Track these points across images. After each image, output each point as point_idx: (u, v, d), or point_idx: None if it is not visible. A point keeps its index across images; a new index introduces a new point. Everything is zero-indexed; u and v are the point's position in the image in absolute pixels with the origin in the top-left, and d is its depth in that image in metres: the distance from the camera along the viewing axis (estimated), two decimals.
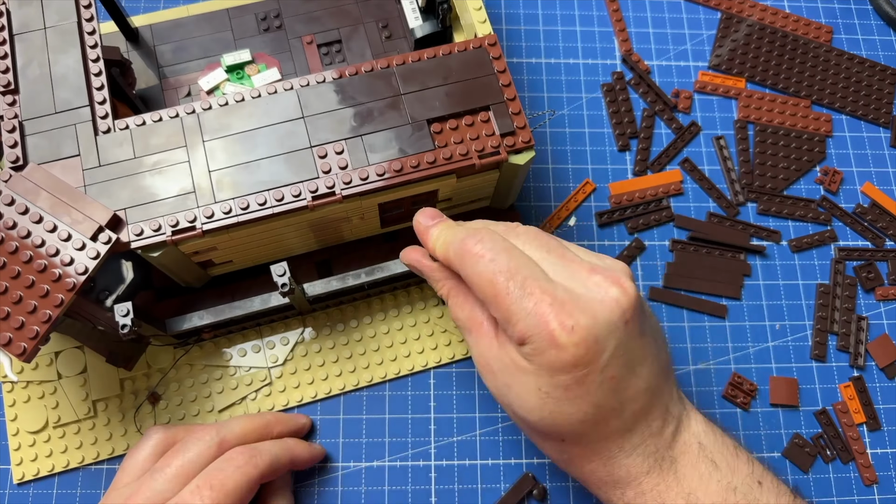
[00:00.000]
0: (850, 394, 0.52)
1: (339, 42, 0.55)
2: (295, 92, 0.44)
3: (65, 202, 0.40)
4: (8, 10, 0.44)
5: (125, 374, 0.50)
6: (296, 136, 0.43)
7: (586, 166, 0.58)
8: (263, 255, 0.48)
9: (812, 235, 0.57)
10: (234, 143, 0.42)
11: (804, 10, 0.66)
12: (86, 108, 0.43)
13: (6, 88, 0.43)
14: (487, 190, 0.49)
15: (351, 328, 0.51)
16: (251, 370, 0.50)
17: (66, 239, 0.39)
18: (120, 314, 0.41)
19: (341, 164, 0.42)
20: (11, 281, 0.38)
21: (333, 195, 0.42)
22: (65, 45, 0.44)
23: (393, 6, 0.56)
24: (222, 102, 0.43)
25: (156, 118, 0.43)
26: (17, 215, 0.40)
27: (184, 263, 0.45)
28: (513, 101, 0.44)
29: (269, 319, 0.51)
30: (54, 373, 0.49)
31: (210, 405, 0.49)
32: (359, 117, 0.43)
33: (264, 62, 0.53)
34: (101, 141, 0.42)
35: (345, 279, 0.47)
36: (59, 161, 0.42)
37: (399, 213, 0.48)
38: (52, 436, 0.48)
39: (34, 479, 0.48)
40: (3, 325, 0.38)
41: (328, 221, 0.45)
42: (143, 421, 0.49)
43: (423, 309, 0.52)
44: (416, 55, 0.45)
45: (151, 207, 0.41)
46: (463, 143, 0.43)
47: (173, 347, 0.50)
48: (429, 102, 0.44)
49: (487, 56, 0.45)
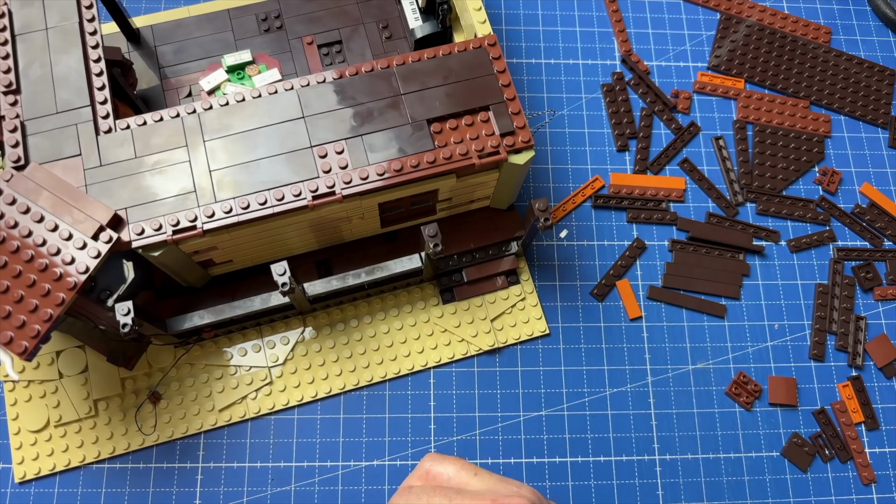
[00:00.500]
0: (849, 393, 0.53)
1: (340, 42, 0.56)
2: (295, 92, 0.44)
3: (66, 201, 0.40)
4: (10, 11, 0.45)
5: (126, 373, 0.50)
6: (296, 135, 0.43)
7: (586, 166, 0.58)
8: (264, 255, 0.48)
9: (811, 235, 0.57)
10: (234, 142, 0.43)
11: (803, 11, 0.66)
12: (87, 108, 0.43)
13: (8, 89, 0.43)
14: (487, 190, 0.49)
15: (351, 327, 0.52)
16: (252, 369, 0.50)
17: (68, 238, 0.39)
18: (121, 313, 0.41)
19: (341, 163, 0.42)
20: (13, 280, 0.39)
21: (334, 195, 0.42)
22: (66, 46, 0.44)
23: (393, 7, 0.57)
24: (223, 102, 0.43)
25: (157, 118, 0.43)
26: (18, 215, 0.40)
27: (184, 263, 0.45)
28: (512, 101, 0.44)
29: (270, 319, 0.51)
30: (55, 372, 0.49)
31: (210, 404, 0.50)
32: (359, 117, 0.43)
33: (265, 62, 0.53)
34: (102, 141, 0.42)
35: (345, 279, 0.48)
36: (61, 161, 0.42)
37: (399, 213, 0.48)
38: (54, 435, 0.49)
39: (35, 477, 0.48)
40: (5, 324, 0.38)
41: (328, 221, 0.45)
42: (144, 420, 0.49)
43: (424, 308, 0.52)
44: (417, 55, 0.45)
45: (152, 207, 0.41)
46: (463, 143, 0.43)
47: (174, 347, 0.50)
48: (429, 102, 0.44)
49: (487, 56, 0.45)
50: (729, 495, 0.50)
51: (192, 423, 0.49)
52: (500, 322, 0.52)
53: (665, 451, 0.51)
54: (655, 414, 0.51)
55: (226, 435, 0.50)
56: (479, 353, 0.52)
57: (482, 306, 0.52)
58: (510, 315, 0.53)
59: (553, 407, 0.51)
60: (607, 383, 0.52)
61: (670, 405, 0.52)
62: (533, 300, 0.53)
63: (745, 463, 0.51)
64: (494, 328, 0.52)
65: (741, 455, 0.51)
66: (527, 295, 0.53)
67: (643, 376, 0.52)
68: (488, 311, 0.52)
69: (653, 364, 0.53)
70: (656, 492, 0.50)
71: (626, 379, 0.52)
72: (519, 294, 0.53)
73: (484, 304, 0.52)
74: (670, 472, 0.50)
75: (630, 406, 0.52)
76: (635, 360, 0.53)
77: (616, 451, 0.51)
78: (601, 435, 0.51)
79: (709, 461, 0.51)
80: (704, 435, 0.51)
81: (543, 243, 0.56)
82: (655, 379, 0.52)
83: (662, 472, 0.50)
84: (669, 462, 0.50)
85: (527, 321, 0.52)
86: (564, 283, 0.55)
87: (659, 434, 0.51)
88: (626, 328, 0.54)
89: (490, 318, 0.52)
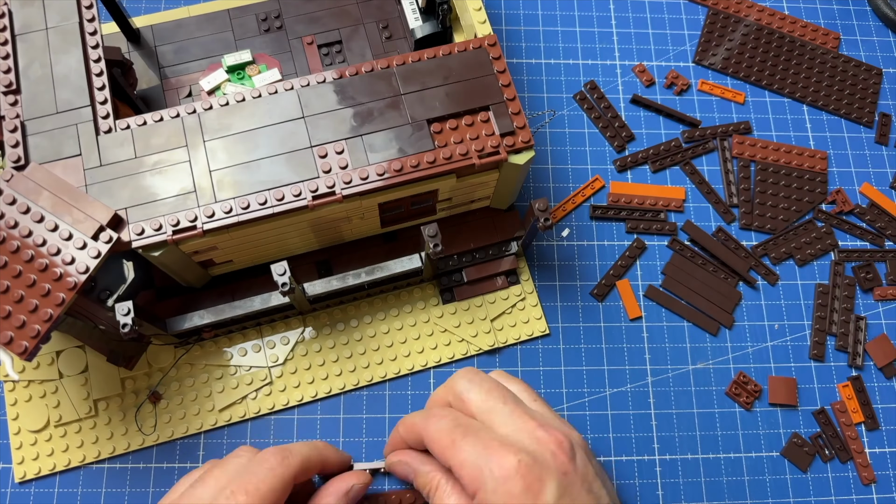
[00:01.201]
0: (849, 393, 0.53)
1: (340, 42, 0.56)
2: (295, 92, 0.44)
3: (66, 201, 0.40)
4: (10, 11, 0.45)
5: (126, 373, 0.50)
6: (296, 135, 0.43)
7: (586, 166, 0.59)
8: (264, 255, 0.48)
9: (813, 245, 0.57)
10: (234, 142, 0.43)
11: (803, 12, 0.66)
12: (87, 108, 0.43)
13: (8, 88, 0.43)
14: (487, 190, 0.49)
15: (351, 327, 0.52)
16: (252, 369, 0.50)
17: (68, 238, 0.39)
18: (121, 313, 0.41)
19: (341, 163, 0.42)
20: (13, 280, 0.39)
21: (334, 195, 0.42)
22: (66, 46, 0.44)
23: (393, 7, 0.57)
24: (223, 102, 0.43)
25: (157, 118, 0.43)
26: (18, 214, 0.40)
27: (184, 263, 0.45)
28: (512, 101, 0.44)
29: (270, 319, 0.51)
30: (56, 372, 0.49)
31: (210, 404, 0.50)
32: (359, 117, 0.43)
33: (265, 63, 0.53)
34: (102, 141, 0.42)
35: (345, 279, 0.48)
36: (61, 161, 0.42)
37: (399, 213, 0.48)
38: (54, 435, 0.49)
39: (35, 477, 0.48)
40: (5, 324, 0.38)
41: (328, 221, 0.45)
42: (144, 420, 0.49)
43: (424, 308, 0.52)
44: (417, 55, 0.45)
45: (152, 207, 0.41)
46: (463, 143, 0.43)
47: (174, 347, 0.50)
48: (429, 102, 0.44)
49: (487, 56, 0.45)
50: (729, 495, 0.50)
51: (192, 423, 0.49)
52: (500, 322, 0.52)
53: (665, 451, 0.51)
54: (655, 414, 0.51)
55: (226, 435, 0.50)
56: (479, 353, 0.52)
57: (482, 306, 0.52)
58: (510, 315, 0.53)
59: (553, 407, 0.51)
60: (607, 383, 0.52)
61: (670, 405, 0.52)
62: (533, 300, 0.53)
63: (745, 463, 0.51)
64: (494, 328, 0.52)
65: (741, 455, 0.51)
66: (527, 295, 0.53)
67: (643, 376, 0.52)
68: (488, 311, 0.52)
69: (653, 364, 0.53)
70: (656, 492, 0.50)
71: (625, 379, 0.52)
72: (519, 294, 0.53)
73: (484, 304, 0.52)
74: (670, 472, 0.50)
75: (630, 406, 0.52)
76: (635, 360, 0.53)
77: (616, 451, 0.51)
78: (601, 435, 0.51)
79: (709, 461, 0.51)
80: (704, 435, 0.51)
81: (543, 243, 0.56)
82: (655, 379, 0.52)
83: (662, 472, 0.50)
84: (669, 462, 0.50)
85: (527, 321, 0.52)
86: (564, 282, 0.55)
87: (659, 434, 0.51)
88: (625, 328, 0.54)
89: (490, 318, 0.52)
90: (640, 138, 0.60)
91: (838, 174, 0.60)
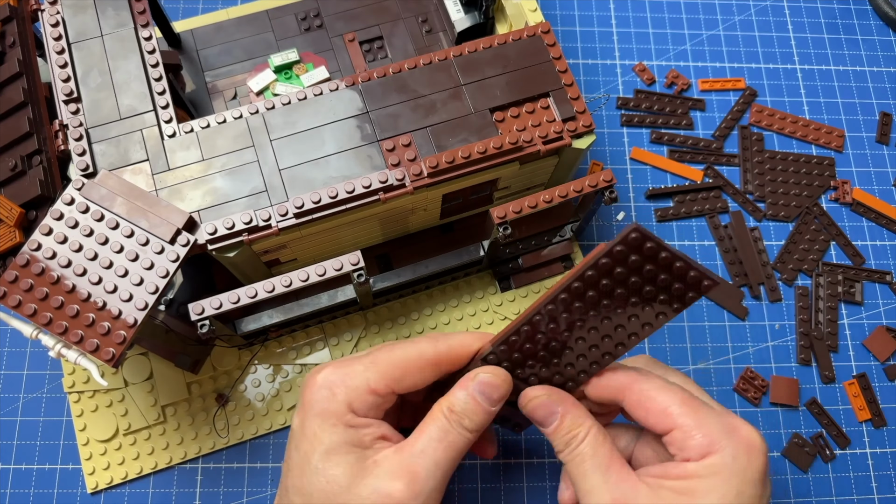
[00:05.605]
0: (855, 391, 0.53)
1: (381, 38, 0.56)
2: (357, 87, 0.44)
3: (141, 207, 0.40)
4: (63, 20, 0.44)
5: (192, 377, 0.50)
6: (362, 130, 0.43)
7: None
8: (327, 252, 0.48)
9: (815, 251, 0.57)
10: (301, 140, 0.43)
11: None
12: (150, 114, 0.43)
13: (69, 97, 0.43)
14: (544, 176, 0.49)
15: (412, 320, 0.52)
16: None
17: (145, 244, 0.39)
18: (195, 313, 0.41)
19: (409, 156, 0.43)
20: (93, 287, 0.39)
21: (404, 187, 0.42)
22: (125, 52, 0.44)
23: (429, 0, 0.57)
24: (285, 101, 0.43)
25: (220, 120, 0.43)
26: (93, 222, 0.40)
27: (254, 263, 0.45)
28: (570, 86, 0.45)
29: (332, 316, 0.51)
30: (121, 380, 0.49)
31: (279, 404, 0.50)
32: (422, 109, 0.44)
33: (311, 61, 0.53)
34: (168, 145, 0.42)
35: (415, 269, 0.48)
36: (129, 167, 0.42)
37: (458, 203, 0.48)
38: (123, 443, 0.48)
39: (108, 487, 0.48)
40: (90, 332, 0.38)
41: (396, 213, 0.45)
42: (216, 423, 0.49)
43: (482, 297, 0.52)
44: (472, 45, 0.45)
45: (224, 208, 0.41)
46: (526, 130, 0.44)
47: (238, 349, 0.50)
48: (489, 91, 0.44)
49: (543, 43, 0.46)
50: None
51: (261, 424, 0.49)
52: None
53: None
54: None
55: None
56: None
57: (539, 292, 0.53)
58: None
59: None
60: None
61: None
62: None
63: None
64: None
65: None
66: None
67: None
68: None
69: None
70: None
71: None
72: None
73: (542, 290, 0.53)
74: None
75: None
76: None
77: None
78: None
79: None
80: None
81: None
82: None
83: None
84: None
85: None
86: None
87: None
88: None
89: None
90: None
91: (838, 174, 0.60)
